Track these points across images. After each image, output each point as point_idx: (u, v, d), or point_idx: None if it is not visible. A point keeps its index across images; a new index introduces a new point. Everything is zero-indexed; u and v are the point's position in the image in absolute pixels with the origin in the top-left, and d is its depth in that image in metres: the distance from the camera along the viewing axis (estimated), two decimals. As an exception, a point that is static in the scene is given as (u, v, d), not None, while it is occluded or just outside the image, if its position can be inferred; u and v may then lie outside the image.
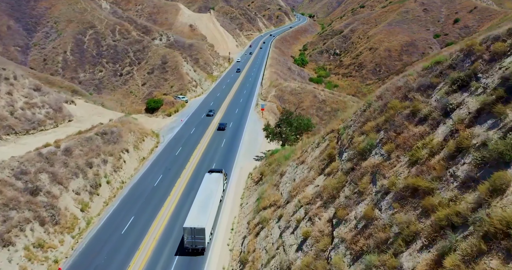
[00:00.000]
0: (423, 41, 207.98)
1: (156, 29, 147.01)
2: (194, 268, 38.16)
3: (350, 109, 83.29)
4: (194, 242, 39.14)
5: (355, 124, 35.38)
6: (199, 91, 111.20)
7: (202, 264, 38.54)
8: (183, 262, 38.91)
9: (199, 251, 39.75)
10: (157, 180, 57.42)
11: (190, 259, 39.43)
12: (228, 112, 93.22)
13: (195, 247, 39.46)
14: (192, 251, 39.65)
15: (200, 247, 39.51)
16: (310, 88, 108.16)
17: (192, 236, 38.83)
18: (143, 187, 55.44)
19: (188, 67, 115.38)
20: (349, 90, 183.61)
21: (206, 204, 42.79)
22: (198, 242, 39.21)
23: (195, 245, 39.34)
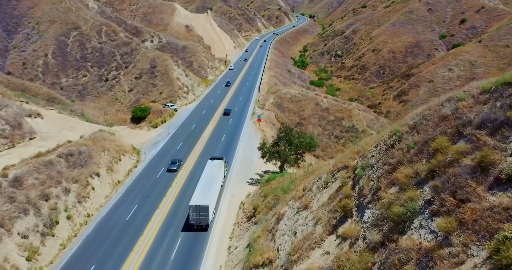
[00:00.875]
0: (428, 42, 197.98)
1: (147, 30, 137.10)
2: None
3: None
4: (199, 219, 42.66)
5: (379, 164, 25.49)
6: (191, 98, 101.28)
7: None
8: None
9: (203, 227, 43.24)
10: (131, 212, 47.54)
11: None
12: (222, 123, 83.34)
13: (199, 224, 42.99)
14: (197, 227, 43.16)
15: (204, 224, 43.11)
16: (311, 95, 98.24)
17: (197, 213, 42.34)
18: (113, 222, 45.55)
19: (179, 71, 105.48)
20: (352, 94, 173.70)
21: (209, 186, 46.19)
22: (202, 219, 42.73)
23: (200, 221, 42.88)
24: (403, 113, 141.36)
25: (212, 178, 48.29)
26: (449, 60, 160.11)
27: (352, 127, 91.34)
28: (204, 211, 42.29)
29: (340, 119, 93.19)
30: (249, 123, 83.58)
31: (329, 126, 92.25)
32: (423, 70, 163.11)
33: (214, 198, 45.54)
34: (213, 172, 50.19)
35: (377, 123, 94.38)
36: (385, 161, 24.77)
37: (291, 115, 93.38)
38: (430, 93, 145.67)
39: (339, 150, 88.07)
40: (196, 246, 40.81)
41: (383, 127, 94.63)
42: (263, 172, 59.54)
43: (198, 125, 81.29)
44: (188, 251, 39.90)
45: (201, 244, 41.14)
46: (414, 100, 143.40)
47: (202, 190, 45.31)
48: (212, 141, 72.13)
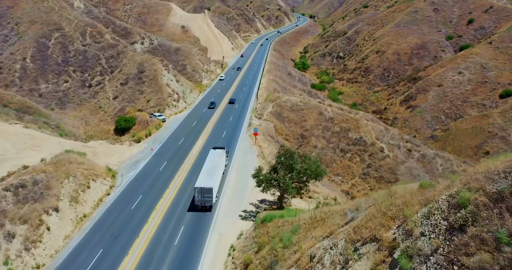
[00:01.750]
0: (434, 43, 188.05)
1: (138, 31, 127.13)
2: None
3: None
4: (203, 200, 45.18)
5: (438, 256, 15.58)
6: (182, 106, 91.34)
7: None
8: None
9: (207, 208, 45.76)
10: (93, 260, 37.70)
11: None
12: (214, 136, 73.47)
13: (204, 205, 45.50)
14: (202, 208, 45.62)
15: (208, 205, 45.64)
16: (314, 103, 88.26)
17: (201, 195, 44.91)
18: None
19: (169, 76, 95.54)
20: (356, 98, 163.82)
21: (212, 171, 48.87)
22: (207, 200, 45.28)
23: (204, 202, 45.40)
24: (411, 120, 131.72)
25: (215, 165, 51.21)
26: (458, 62, 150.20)
27: (360, 139, 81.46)
28: (208, 193, 45.11)
29: (346, 130, 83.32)
30: (244, 136, 73.66)
31: (334, 138, 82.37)
32: (431, 73, 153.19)
33: (217, 182, 48.39)
34: (216, 159, 53.36)
35: (387, 135, 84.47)
36: (452, 257, 14.81)
37: (291, 126, 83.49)
38: (439, 98, 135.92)
39: (345, 166, 78.42)
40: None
41: (393, 139, 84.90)
42: (258, 201, 49.64)
43: (187, 139, 71.35)
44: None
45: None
46: (422, 105, 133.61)
47: (206, 174, 48.25)
48: (201, 159, 62.15)
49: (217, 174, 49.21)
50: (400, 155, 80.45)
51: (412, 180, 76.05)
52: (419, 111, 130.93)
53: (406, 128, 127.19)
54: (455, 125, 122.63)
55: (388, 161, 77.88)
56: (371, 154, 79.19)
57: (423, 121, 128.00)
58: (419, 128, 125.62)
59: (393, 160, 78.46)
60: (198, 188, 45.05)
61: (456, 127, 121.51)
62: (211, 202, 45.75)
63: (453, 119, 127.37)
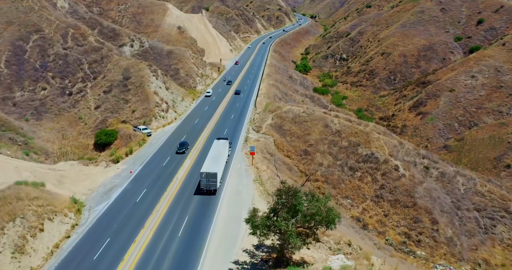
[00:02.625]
0: (443, 45, 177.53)
1: (127, 32, 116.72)
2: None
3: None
4: (208, 184, 48.60)
5: None
6: (171, 117, 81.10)
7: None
8: None
9: (211, 192, 49.20)
10: None
11: None
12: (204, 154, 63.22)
13: (208, 189, 48.94)
14: (207, 191, 49.09)
15: (213, 189, 49.07)
16: (319, 114, 77.80)
17: (207, 179, 48.30)
18: None
19: (157, 83, 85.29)
20: (361, 103, 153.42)
21: (217, 158, 52.17)
22: (211, 185, 48.70)
23: (209, 187, 48.87)
24: (422, 128, 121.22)
25: (219, 153, 54.07)
26: (471, 65, 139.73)
27: (371, 155, 71.17)
28: (212, 177, 47.93)
29: (356, 145, 73.02)
30: (239, 155, 63.42)
31: (342, 154, 72.06)
32: (441, 77, 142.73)
33: (221, 168, 50.97)
34: (220, 148, 56.16)
35: (402, 150, 74.18)
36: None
37: (294, 141, 73.19)
38: (451, 104, 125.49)
39: (355, 187, 68.23)
40: None
41: (409, 155, 74.55)
42: (254, 247, 39.41)
43: (173, 158, 61.14)
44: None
45: None
46: (433, 112, 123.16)
47: (211, 161, 51.02)
48: (187, 185, 52.09)
49: (221, 162, 52.07)
50: (417, 174, 70.16)
51: (432, 204, 65.97)
52: (430, 119, 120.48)
53: (417, 137, 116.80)
54: (470, 134, 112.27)
55: (404, 182, 67.59)
56: (384, 173, 68.90)
57: (435, 130, 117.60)
58: (431, 137, 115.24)
59: (410, 180, 68.17)
60: (204, 173, 48.14)
61: (472, 137, 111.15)
62: (216, 186, 48.90)
63: (467, 127, 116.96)
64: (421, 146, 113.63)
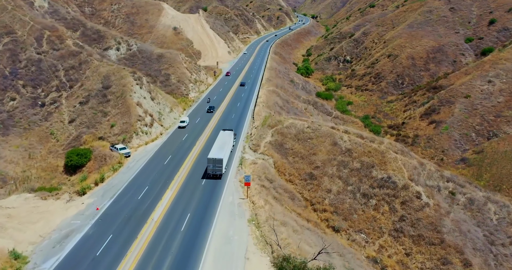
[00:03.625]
0: (453, 46, 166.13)
1: (113, 34, 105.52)
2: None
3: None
4: (214, 169, 51.99)
5: None
6: (156, 132, 70.02)
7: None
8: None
9: (217, 176, 52.79)
10: None
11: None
12: (190, 182, 52.26)
13: (215, 173, 52.41)
14: (213, 176, 52.68)
15: (219, 173, 52.53)
16: (326, 130, 66.53)
17: (213, 164, 51.74)
18: None
19: (141, 93, 74.18)
20: (367, 109, 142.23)
21: (222, 147, 55.62)
22: (217, 169, 52.01)
23: (215, 171, 52.19)
24: (436, 139, 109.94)
25: (224, 142, 57.65)
26: (486, 69, 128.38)
27: (388, 179, 60.07)
28: (218, 163, 51.63)
29: (369, 166, 61.91)
30: (232, 183, 52.32)
31: (354, 177, 60.93)
32: (454, 81, 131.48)
33: (226, 155, 54.50)
34: (225, 138, 59.64)
35: (423, 173, 63.02)
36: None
37: (297, 162, 62.03)
38: (467, 112, 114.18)
39: (369, 218, 57.21)
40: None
41: (431, 179, 63.46)
42: None
43: (152, 189, 50.02)
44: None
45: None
46: (448, 121, 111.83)
47: (217, 148, 54.73)
48: (165, 230, 41.01)
49: (227, 150, 55.15)
50: (443, 203, 59.02)
51: (462, 241, 54.81)
52: (445, 128, 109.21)
53: (431, 149, 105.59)
54: (490, 146, 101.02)
55: (428, 213, 56.47)
56: (404, 202, 57.78)
57: (450, 140, 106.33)
58: (446, 149, 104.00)
59: (435, 210, 57.05)
60: (211, 158, 51.43)
61: (492, 149, 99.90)
62: (221, 171, 52.25)
63: (486, 138, 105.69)
64: (436, 159, 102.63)
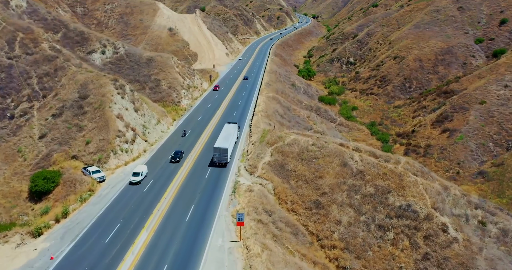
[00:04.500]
0: (462, 47, 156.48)
1: (98, 36, 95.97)
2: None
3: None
4: (220, 157, 55.20)
5: None
6: (138, 149, 60.57)
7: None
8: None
9: (223, 164, 55.87)
10: None
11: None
12: (172, 219, 42.83)
13: (220, 161, 55.52)
14: (219, 164, 55.63)
15: (224, 162, 55.72)
16: (334, 148, 56.97)
17: (219, 153, 54.92)
18: None
19: (123, 103, 64.70)
20: (373, 115, 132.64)
21: (227, 137, 58.74)
22: (223, 158, 55.32)
23: (221, 160, 55.43)
24: (450, 149, 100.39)
25: (229, 134, 60.48)
26: (502, 73, 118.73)
27: (407, 208, 50.61)
28: (224, 152, 54.78)
29: (385, 191, 52.46)
30: (222, 218, 42.82)
31: (367, 205, 51.46)
32: (467, 85, 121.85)
33: (231, 145, 57.57)
34: (230, 130, 62.51)
35: (448, 199, 53.49)
36: None
37: (301, 187, 52.53)
38: (483, 120, 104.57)
39: (386, 256, 47.77)
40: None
41: (458, 206, 53.96)
42: None
43: (123, 229, 40.42)
44: None
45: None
46: (463, 129, 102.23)
47: (223, 139, 57.97)
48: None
49: (231, 141, 58.55)
50: (473, 236, 49.54)
51: (499, 285, 45.21)
52: (460, 137, 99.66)
53: (445, 161, 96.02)
54: (511, 158, 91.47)
55: (457, 250, 47.00)
56: (428, 236, 48.34)
57: (466, 151, 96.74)
58: (462, 161, 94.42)
59: (465, 247, 47.60)
60: (217, 148, 54.95)
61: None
62: (226, 160, 55.71)
63: (505, 149, 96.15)
64: (451, 172, 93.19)
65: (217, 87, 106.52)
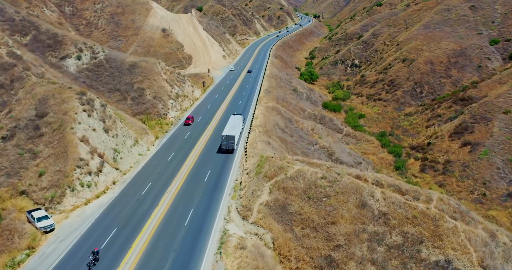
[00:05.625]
0: (476, 49, 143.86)
1: (73, 39, 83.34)
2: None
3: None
4: (227, 144, 59.47)
5: None
6: (106, 182, 48.24)
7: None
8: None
9: (230, 150, 60.27)
10: None
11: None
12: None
13: (228, 148, 59.82)
14: (226, 150, 60.16)
15: (231, 148, 59.98)
16: (350, 182, 44.47)
17: (226, 141, 59.20)
18: None
19: (90, 123, 52.42)
20: (382, 124, 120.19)
21: (233, 126, 63.12)
22: (230, 145, 59.61)
23: (228, 146, 59.67)
24: (473, 166, 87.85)
25: (235, 123, 64.94)
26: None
27: (448, 265, 38.35)
28: (231, 139, 59.17)
29: (416, 241, 40.17)
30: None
31: (394, 260, 39.17)
32: (486, 92, 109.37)
33: (237, 134, 62.02)
34: (236, 121, 66.48)
35: (497, 251, 41.17)
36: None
37: (308, 237, 40.17)
38: (509, 132, 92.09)
39: None
40: None
41: (509, 260, 41.46)
42: None
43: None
44: None
45: None
46: (487, 143, 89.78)
47: (229, 128, 62.15)
48: None
49: (237, 129, 63.11)
50: (536, 305, 37.26)
51: None
52: (484, 153, 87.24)
53: (468, 180, 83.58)
54: (545, 178, 79.08)
55: None
56: (478, 307, 36.13)
57: (492, 169, 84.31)
58: (488, 181, 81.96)
59: None
60: (224, 135, 59.07)
61: (549, 182, 78.00)
62: (233, 146, 59.86)
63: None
64: (476, 193, 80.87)
65: (189, 121, 71.89)
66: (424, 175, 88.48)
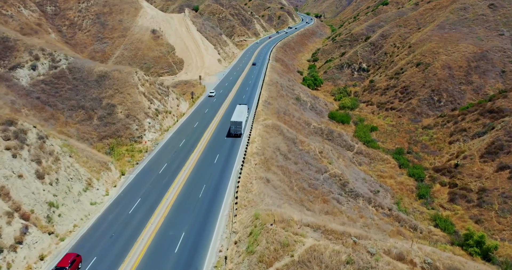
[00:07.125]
0: (499, 52, 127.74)
1: (28, 45, 67.16)
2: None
3: None
4: (236, 129, 65.46)
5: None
6: (30, 258, 32.49)
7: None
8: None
9: (238, 135, 65.75)
10: None
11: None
12: None
13: (236, 133, 65.69)
14: (234, 135, 65.60)
15: (239, 133, 65.76)
16: (389, 269, 28.94)
17: (235, 126, 65.20)
18: None
19: (15, 167, 36.74)
20: (398, 138, 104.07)
21: (240, 114, 68.58)
22: (237, 129, 65.52)
23: (236, 131, 65.64)
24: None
25: (241, 112, 70.02)
26: None
27: None
28: (239, 125, 65.19)
29: None
30: None
31: None
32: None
33: (244, 120, 67.69)
34: (242, 109, 71.72)
35: None
36: None
37: None
38: (555, 153, 75.99)
39: None
40: None
41: None
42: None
43: None
44: None
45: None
46: (529, 167, 73.87)
47: (237, 114, 68.07)
48: None
49: (244, 116, 68.50)
50: None
51: None
52: (528, 180, 71.38)
53: (511, 215, 67.67)
54: None
55: None
56: None
57: (539, 201, 68.43)
58: (537, 216, 66.09)
59: None
60: (233, 121, 65.27)
61: None
62: (241, 131, 65.74)
63: None
64: (523, 234, 65.20)
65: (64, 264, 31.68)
66: (455, 207, 72.52)
